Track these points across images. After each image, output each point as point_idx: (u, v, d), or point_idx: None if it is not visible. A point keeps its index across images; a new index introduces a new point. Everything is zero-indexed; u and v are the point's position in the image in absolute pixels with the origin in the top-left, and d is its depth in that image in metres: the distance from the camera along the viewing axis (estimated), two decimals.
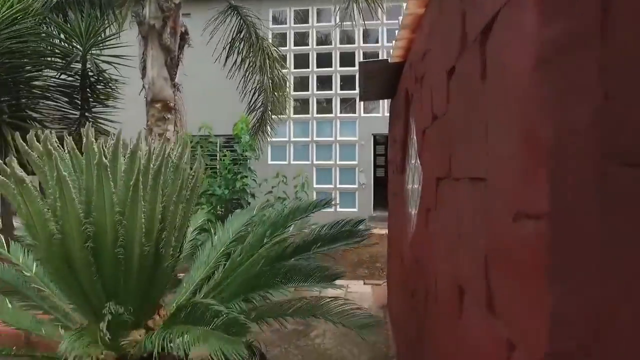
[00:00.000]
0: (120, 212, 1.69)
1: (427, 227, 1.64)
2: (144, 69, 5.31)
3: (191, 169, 1.95)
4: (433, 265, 1.52)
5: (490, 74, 0.86)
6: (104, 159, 1.63)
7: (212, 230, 2.62)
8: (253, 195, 4.62)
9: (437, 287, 1.43)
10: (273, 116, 8.10)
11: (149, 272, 1.90)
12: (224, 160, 4.46)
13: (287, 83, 8.13)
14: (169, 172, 1.86)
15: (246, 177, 4.28)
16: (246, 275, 2.10)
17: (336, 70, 11.72)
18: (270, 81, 7.27)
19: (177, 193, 1.83)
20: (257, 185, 4.63)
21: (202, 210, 3.60)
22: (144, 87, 5.39)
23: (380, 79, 3.17)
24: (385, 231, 10.75)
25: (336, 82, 11.75)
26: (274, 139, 9.16)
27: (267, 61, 7.05)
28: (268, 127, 8.33)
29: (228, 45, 6.93)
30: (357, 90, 11.79)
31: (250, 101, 7.59)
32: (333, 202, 2.92)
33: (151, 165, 1.74)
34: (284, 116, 8.59)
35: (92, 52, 6.00)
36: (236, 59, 6.99)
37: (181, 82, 5.58)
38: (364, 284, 5.47)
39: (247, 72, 7.11)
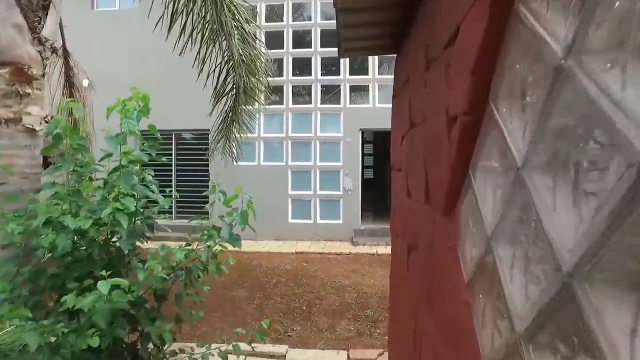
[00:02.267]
0: None
1: None
2: None
3: None
4: None
5: None
6: None
7: None
8: (151, 227, 2.56)
9: None
10: (247, 106, 6.21)
11: None
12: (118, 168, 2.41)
13: (258, 63, 6.11)
14: None
15: (128, 195, 2.23)
16: None
17: (316, 51, 9.72)
18: (239, 54, 5.25)
19: None
20: (157, 208, 2.57)
21: None
22: None
23: None
24: (376, 250, 8.84)
25: (316, 65, 9.74)
26: (240, 135, 7.11)
27: (232, 22, 5.02)
28: (244, 119, 6.47)
29: (170, 5, 4.79)
30: (341, 76, 9.84)
31: (217, 85, 5.59)
32: None
33: None
34: (251, 107, 6.62)
35: None
36: (185, 22, 4.87)
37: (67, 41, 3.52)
38: (349, 358, 3.46)
39: (205, 42, 5.04)
